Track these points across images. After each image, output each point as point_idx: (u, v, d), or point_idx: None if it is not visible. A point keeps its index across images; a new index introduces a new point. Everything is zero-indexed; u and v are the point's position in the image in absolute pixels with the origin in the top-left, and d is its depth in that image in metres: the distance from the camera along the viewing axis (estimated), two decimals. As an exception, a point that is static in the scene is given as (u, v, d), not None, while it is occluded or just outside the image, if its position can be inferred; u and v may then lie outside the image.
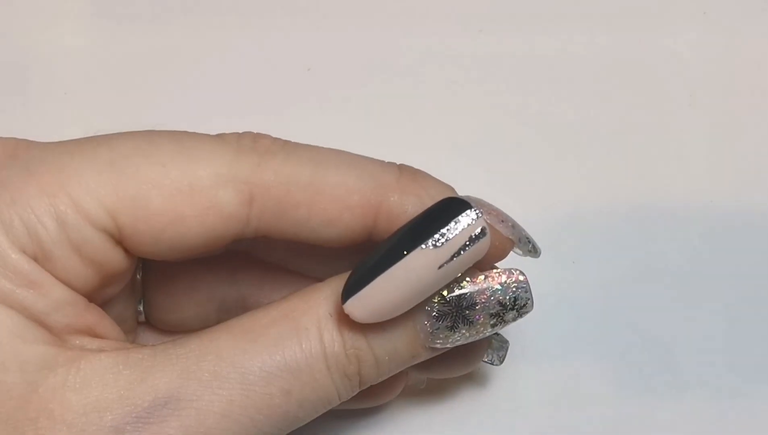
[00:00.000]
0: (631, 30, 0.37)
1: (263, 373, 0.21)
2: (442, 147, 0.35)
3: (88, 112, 0.36)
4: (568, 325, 0.32)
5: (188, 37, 0.37)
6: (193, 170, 0.22)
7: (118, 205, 0.21)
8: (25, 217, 0.21)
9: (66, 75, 0.37)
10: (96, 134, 0.23)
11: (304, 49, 0.37)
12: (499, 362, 0.28)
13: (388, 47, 0.37)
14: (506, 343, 0.28)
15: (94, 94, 0.36)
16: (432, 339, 0.23)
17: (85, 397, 0.20)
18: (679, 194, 0.34)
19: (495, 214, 0.23)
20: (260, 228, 0.23)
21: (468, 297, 0.22)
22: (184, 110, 0.36)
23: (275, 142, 0.23)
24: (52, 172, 0.21)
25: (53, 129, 0.36)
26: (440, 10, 0.37)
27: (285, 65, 0.37)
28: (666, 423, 0.30)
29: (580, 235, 0.33)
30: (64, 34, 0.37)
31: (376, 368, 0.23)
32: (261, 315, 0.22)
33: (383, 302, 0.21)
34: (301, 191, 0.22)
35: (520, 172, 0.34)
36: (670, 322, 0.31)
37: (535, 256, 0.25)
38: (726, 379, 0.31)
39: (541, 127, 0.35)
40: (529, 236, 0.24)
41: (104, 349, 0.22)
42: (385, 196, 0.23)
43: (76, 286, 0.22)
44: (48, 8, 0.38)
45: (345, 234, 0.23)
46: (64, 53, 0.37)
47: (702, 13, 0.37)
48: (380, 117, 0.36)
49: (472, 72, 0.36)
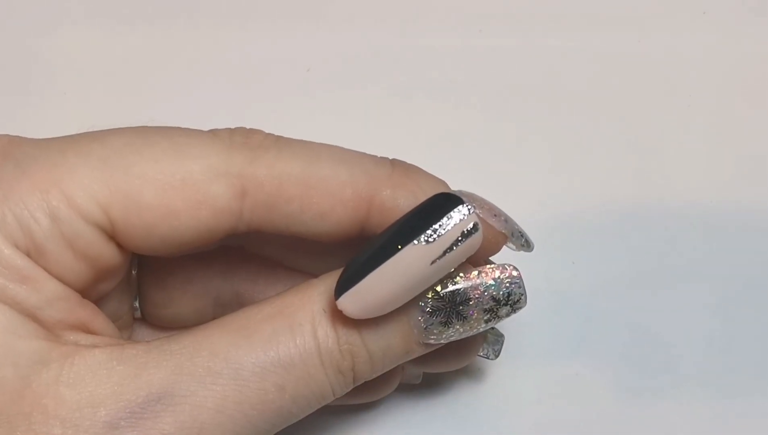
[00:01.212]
0: (631, 30, 0.36)
1: (257, 369, 0.21)
2: (441, 147, 0.35)
3: (88, 112, 0.36)
4: (568, 325, 0.32)
5: (188, 37, 0.37)
6: (185, 165, 0.22)
7: (110, 200, 0.21)
8: (17, 213, 0.21)
9: (66, 75, 0.37)
10: (93, 131, 0.23)
11: (304, 49, 0.37)
12: (495, 356, 0.28)
13: (388, 47, 0.37)
14: (501, 337, 0.28)
15: (94, 94, 0.36)
16: (426, 335, 0.23)
17: (79, 393, 0.20)
18: (679, 194, 0.34)
19: (488, 209, 0.24)
20: (253, 222, 0.23)
21: (461, 292, 0.22)
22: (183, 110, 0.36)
23: (268, 136, 0.23)
24: (44, 168, 0.21)
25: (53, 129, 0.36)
26: (440, 10, 0.37)
27: (285, 65, 0.37)
28: (666, 423, 0.30)
29: (580, 235, 0.33)
30: (64, 34, 0.37)
31: (370, 364, 0.23)
32: (255, 311, 0.22)
33: (376, 298, 0.21)
34: (293, 185, 0.22)
35: (520, 172, 0.34)
36: (670, 322, 0.31)
37: (528, 250, 0.25)
38: (726, 379, 0.31)
39: (541, 126, 0.35)
40: (522, 230, 0.24)
41: (98, 344, 0.22)
42: (377, 190, 0.23)
43: (69, 281, 0.22)
44: (48, 8, 0.38)
45: (337, 228, 0.23)
46: (64, 53, 0.37)
47: (702, 13, 0.37)
48: (380, 117, 0.36)
49: (472, 72, 0.36)
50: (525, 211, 0.33)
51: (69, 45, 0.37)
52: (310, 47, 0.37)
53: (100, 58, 0.37)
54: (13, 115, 0.36)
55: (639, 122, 0.35)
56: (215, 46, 0.37)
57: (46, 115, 0.36)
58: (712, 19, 0.37)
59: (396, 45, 0.37)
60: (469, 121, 0.35)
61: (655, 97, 0.35)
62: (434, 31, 0.37)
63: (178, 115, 0.36)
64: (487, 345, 0.28)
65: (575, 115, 0.35)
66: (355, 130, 0.35)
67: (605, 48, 0.36)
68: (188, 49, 0.37)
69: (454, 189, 0.24)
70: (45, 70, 0.37)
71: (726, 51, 0.36)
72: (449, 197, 0.22)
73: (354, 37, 0.37)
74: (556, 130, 0.35)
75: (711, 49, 0.36)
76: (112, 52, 0.37)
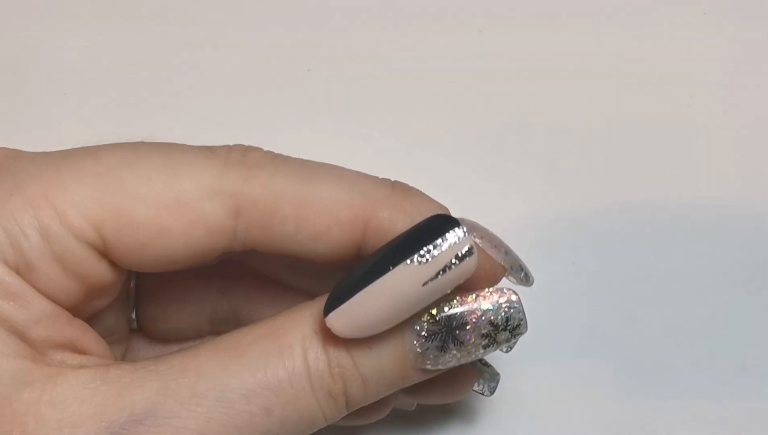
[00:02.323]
0: (631, 30, 0.36)
1: (244, 391, 0.21)
2: (442, 147, 0.35)
3: (87, 112, 0.36)
4: (568, 325, 0.32)
5: (188, 37, 0.37)
6: (179, 183, 0.21)
7: (103, 218, 0.21)
8: (8, 228, 0.21)
9: (66, 75, 0.37)
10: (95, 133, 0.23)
11: (304, 50, 0.37)
12: (490, 393, 0.27)
13: (388, 47, 0.37)
14: (497, 375, 0.27)
15: (93, 94, 0.36)
16: (422, 360, 0.22)
17: (60, 413, 0.20)
18: (679, 194, 0.34)
19: (488, 239, 0.23)
20: (248, 241, 0.22)
21: (458, 316, 0.22)
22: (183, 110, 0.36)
23: (265, 155, 0.23)
24: (38, 183, 0.21)
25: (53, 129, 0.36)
26: (440, 10, 0.37)
27: (285, 65, 0.37)
28: (666, 423, 0.30)
29: (580, 235, 0.33)
30: (63, 34, 0.37)
31: (363, 388, 0.22)
32: (245, 333, 0.22)
33: (366, 317, 0.21)
34: (289, 205, 0.22)
35: (520, 172, 0.34)
36: (670, 322, 0.31)
37: (527, 284, 0.24)
38: (727, 379, 0.31)
39: (541, 127, 0.35)
40: (523, 264, 0.24)
41: (84, 364, 0.21)
42: (374, 211, 0.22)
43: (59, 298, 0.21)
44: (48, 8, 0.38)
45: (333, 249, 0.23)
46: (64, 53, 0.37)
47: (702, 13, 0.37)
48: (380, 117, 0.36)
49: (472, 72, 0.36)
50: (525, 211, 0.33)
51: (69, 45, 0.37)
52: (310, 47, 0.37)
53: (100, 58, 0.37)
54: (13, 115, 0.36)
55: (639, 122, 0.35)
56: (215, 46, 0.37)
57: (46, 116, 0.36)
58: (712, 19, 0.37)
59: (396, 45, 0.37)
60: (469, 121, 0.35)
61: (655, 97, 0.35)
62: (434, 31, 0.37)
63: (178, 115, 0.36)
64: (483, 381, 0.27)
65: (575, 115, 0.35)
66: (354, 130, 0.35)
67: (605, 48, 0.36)
68: (188, 49, 0.37)
69: (457, 216, 0.23)
70: (45, 70, 0.37)
71: (726, 51, 0.36)
72: (446, 219, 0.21)
73: (354, 37, 0.37)
74: (556, 130, 0.35)
75: (711, 49, 0.36)
76: (112, 52, 0.37)
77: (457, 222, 0.21)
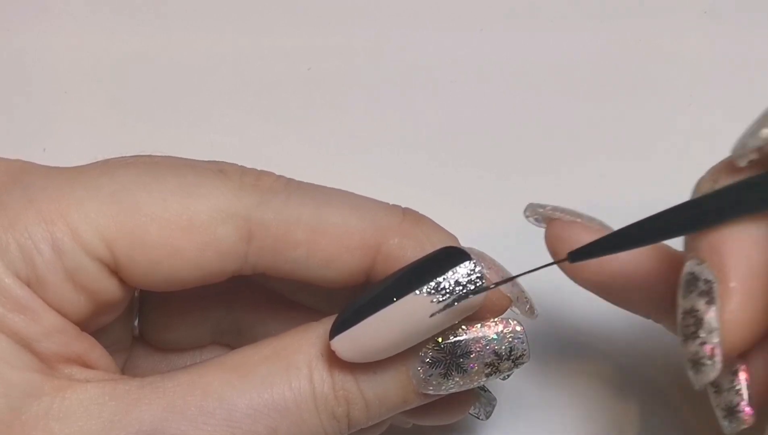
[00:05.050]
0: (631, 30, 0.37)
1: (250, 411, 0.21)
2: (442, 146, 0.35)
3: (88, 112, 0.36)
4: (568, 325, 0.32)
5: (188, 36, 0.37)
6: (193, 205, 0.22)
7: (115, 236, 0.21)
8: (21, 242, 0.21)
9: (66, 75, 0.37)
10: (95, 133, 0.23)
11: (304, 49, 0.37)
12: (486, 417, 0.27)
13: (388, 47, 0.37)
14: (494, 401, 0.27)
15: (94, 94, 0.36)
16: (425, 385, 0.22)
17: (68, 427, 0.20)
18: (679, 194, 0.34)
19: (495, 270, 0.23)
20: (258, 265, 0.23)
21: (463, 345, 0.22)
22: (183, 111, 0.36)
23: (278, 180, 0.23)
24: (52, 198, 0.21)
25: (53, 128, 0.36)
26: (440, 10, 0.37)
27: (285, 65, 0.37)
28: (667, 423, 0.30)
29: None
30: (64, 34, 0.37)
31: (365, 411, 0.22)
32: (252, 352, 0.22)
33: (371, 343, 0.21)
34: (300, 231, 0.22)
35: (520, 172, 0.34)
36: (670, 322, 0.31)
37: (532, 317, 0.24)
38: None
39: (541, 126, 0.35)
40: (528, 296, 0.24)
41: (92, 379, 0.21)
42: (385, 238, 0.23)
43: (68, 313, 0.22)
44: (47, 8, 0.38)
45: (343, 275, 0.23)
46: (64, 53, 0.37)
47: (702, 13, 0.37)
48: (380, 116, 0.36)
49: (472, 72, 0.36)
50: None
51: (69, 45, 0.37)
52: (310, 47, 0.37)
53: (101, 58, 0.37)
54: (13, 115, 0.36)
55: (639, 122, 0.35)
56: (215, 46, 0.37)
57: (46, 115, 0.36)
58: (712, 19, 0.37)
59: (396, 45, 0.37)
60: (469, 121, 0.35)
61: (655, 97, 0.35)
62: (435, 31, 0.37)
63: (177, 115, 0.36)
64: (479, 405, 0.27)
65: (576, 115, 0.35)
66: (354, 130, 0.35)
67: (606, 48, 0.36)
68: (188, 49, 0.37)
69: (465, 246, 0.23)
70: (45, 70, 0.37)
71: (726, 51, 0.36)
72: (456, 251, 0.21)
73: (354, 37, 0.37)
74: (556, 130, 0.35)
75: (711, 49, 0.36)
76: (112, 52, 0.37)
77: (468, 255, 0.21)
